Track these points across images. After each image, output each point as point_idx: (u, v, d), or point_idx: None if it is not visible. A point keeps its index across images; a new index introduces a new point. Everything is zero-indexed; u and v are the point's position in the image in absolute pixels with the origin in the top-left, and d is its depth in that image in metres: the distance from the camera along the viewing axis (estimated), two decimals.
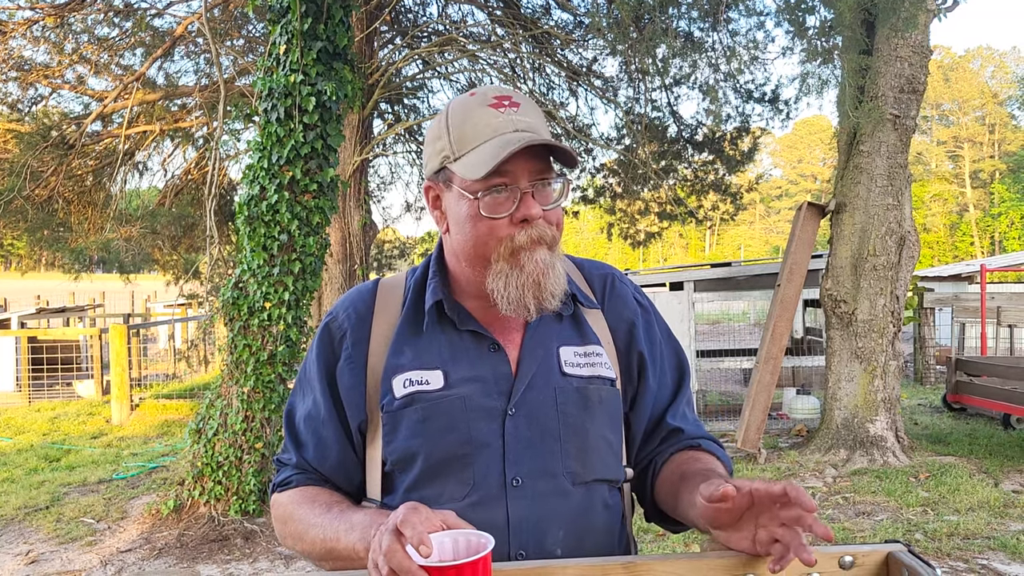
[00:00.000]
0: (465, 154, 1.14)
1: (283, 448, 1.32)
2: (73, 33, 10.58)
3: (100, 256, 13.21)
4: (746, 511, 1.02)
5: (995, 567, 4.38)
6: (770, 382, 6.64)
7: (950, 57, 64.01)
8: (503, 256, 1.14)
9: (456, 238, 1.19)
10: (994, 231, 55.59)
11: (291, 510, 1.22)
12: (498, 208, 1.13)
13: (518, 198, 1.13)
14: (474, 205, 1.13)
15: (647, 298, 1.37)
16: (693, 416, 1.35)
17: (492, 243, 1.14)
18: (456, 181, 1.16)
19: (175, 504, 5.45)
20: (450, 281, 1.25)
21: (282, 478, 1.28)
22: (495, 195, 1.12)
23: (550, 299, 1.15)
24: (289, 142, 5.27)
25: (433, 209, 1.23)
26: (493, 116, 1.14)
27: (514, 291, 1.14)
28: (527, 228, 1.14)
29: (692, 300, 8.72)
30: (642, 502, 1.33)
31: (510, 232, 1.14)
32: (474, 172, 1.11)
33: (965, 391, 8.29)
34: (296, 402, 1.31)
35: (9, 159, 10.35)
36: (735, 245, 72.92)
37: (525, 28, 10.00)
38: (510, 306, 1.15)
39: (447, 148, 1.16)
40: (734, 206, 12.36)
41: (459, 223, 1.17)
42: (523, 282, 1.14)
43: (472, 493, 1.14)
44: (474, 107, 1.16)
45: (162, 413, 9.84)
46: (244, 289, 5.41)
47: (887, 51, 6.67)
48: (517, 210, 1.13)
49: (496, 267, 1.14)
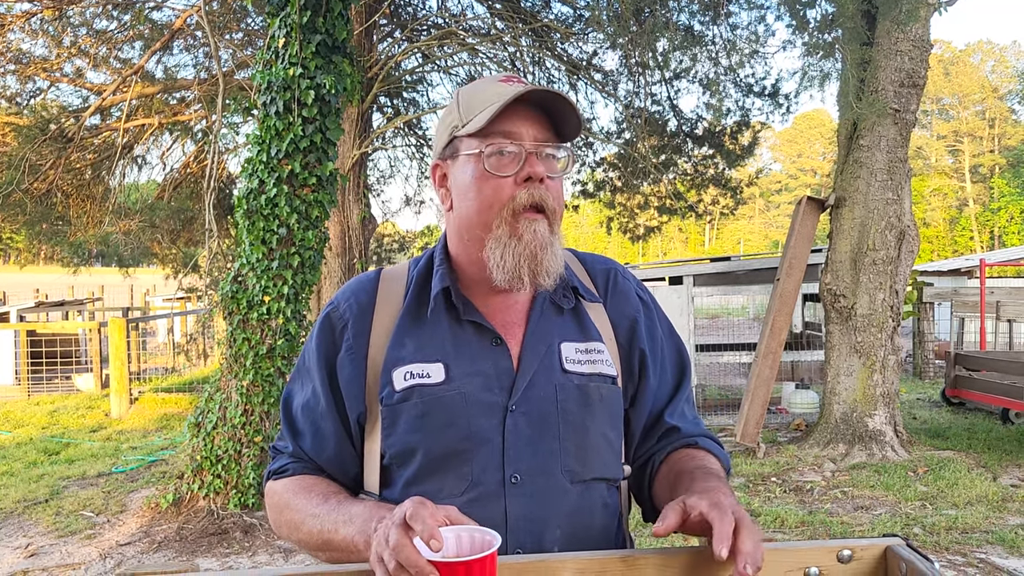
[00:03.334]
0: (472, 118, 1.16)
1: (279, 436, 1.31)
2: (71, 26, 10.55)
3: (99, 250, 13.20)
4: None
5: (993, 561, 4.39)
6: (769, 376, 6.65)
7: (950, 51, 63.91)
8: (505, 220, 1.14)
9: (460, 209, 1.19)
10: (994, 226, 55.60)
11: (287, 499, 1.21)
12: (503, 167, 1.14)
13: (523, 158, 1.15)
14: (479, 162, 1.15)
15: (649, 293, 1.37)
16: (692, 414, 1.34)
17: (496, 206, 1.15)
18: (463, 146, 1.17)
19: (174, 498, 5.46)
20: (456, 271, 1.24)
21: (278, 466, 1.27)
22: (500, 155, 1.14)
23: (545, 276, 1.16)
24: (288, 136, 5.26)
25: (439, 188, 1.24)
26: (503, 87, 1.16)
27: (511, 260, 1.14)
28: (530, 187, 1.15)
29: (691, 294, 8.72)
30: (639, 500, 1.32)
31: (513, 193, 1.15)
32: (478, 124, 1.13)
33: (964, 386, 8.30)
34: (294, 389, 1.29)
35: (8, 152, 10.33)
36: (735, 239, 72.91)
37: (525, 22, 9.97)
38: (505, 276, 1.15)
39: (456, 119, 1.18)
40: (734, 200, 12.34)
41: (464, 190, 1.18)
42: (520, 252, 1.14)
43: (471, 489, 1.13)
44: (485, 84, 1.19)
45: (161, 407, 9.85)
46: (243, 283, 5.41)
47: (887, 45, 6.65)
48: (521, 169, 1.14)
49: (496, 232, 1.15)
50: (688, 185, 12.11)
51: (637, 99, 10.84)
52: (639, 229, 12.86)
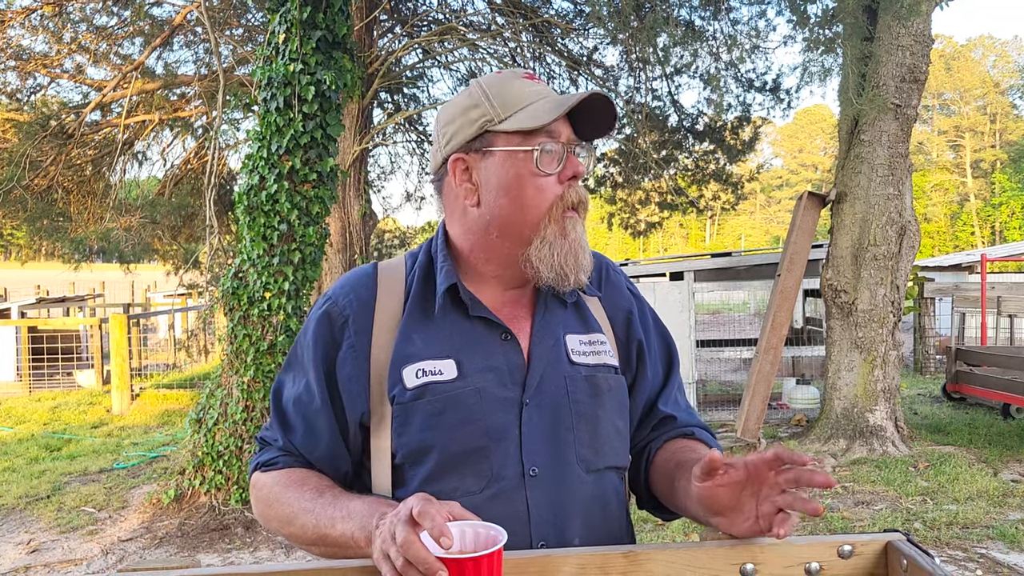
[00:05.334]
0: (514, 113, 1.15)
1: (268, 426, 1.28)
2: (71, 22, 10.53)
3: (100, 246, 13.18)
4: (743, 489, 1.02)
5: (994, 556, 4.39)
6: (770, 372, 6.65)
7: (952, 46, 63.80)
8: (554, 219, 1.15)
9: (495, 206, 1.17)
10: (995, 221, 55.56)
11: (277, 492, 1.19)
12: (549, 164, 1.15)
13: (564, 156, 1.15)
14: (529, 161, 1.14)
15: (636, 286, 1.39)
16: (685, 402, 1.35)
17: (543, 204, 1.15)
18: (502, 142, 1.15)
19: (176, 493, 5.47)
20: (459, 265, 1.23)
21: (267, 458, 1.24)
22: (547, 152, 1.14)
23: (583, 273, 1.18)
24: (288, 131, 5.26)
25: (461, 182, 1.19)
26: (531, 85, 1.17)
27: (559, 258, 1.15)
28: (574, 186, 1.16)
29: (692, 290, 8.71)
30: (634, 488, 1.33)
31: (559, 191, 1.16)
32: (540, 120, 1.13)
33: (965, 381, 8.31)
34: (285, 380, 1.27)
35: (8, 149, 10.32)
36: (735, 235, 72.87)
37: (525, 17, 9.95)
38: (551, 274, 1.15)
39: (489, 113, 1.16)
40: (735, 196, 12.34)
41: (503, 188, 1.16)
42: (566, 250, 1.15)
43: (491, 485, 1.12)
44: (510, 78, 1.19)
45: (162, 403, 9.86)
46: (244, 279, 5.41)
47: (888, 40, 6.64)
48: (565, 167, 1.15)
49: (544, 232, 1.15)
50: (689, 180, 12.11)
51: (638, 94, 10.83)
52: (640, 225, 12.86)
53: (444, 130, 1.21)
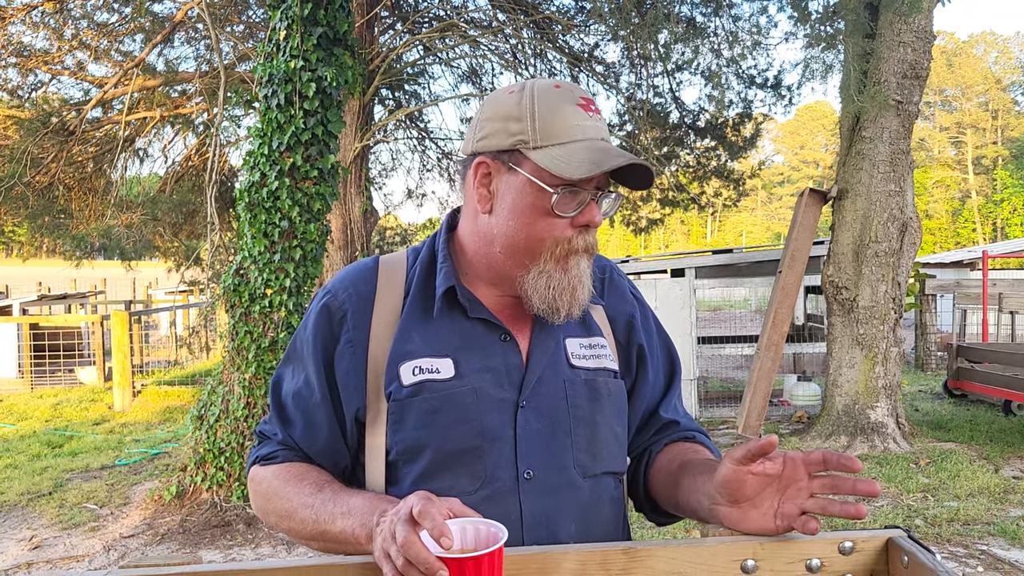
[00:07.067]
0: (551, 146, 1.11)
1: (267, 420, 1.27)
2: (72, 19, 10.53)
3: (101, 243, 13.20)
4: (771, 483, 1.02)
5: (995, 552, 4.39)
6: (771, 368, 6.64)
7: (953, 42, 63.66)
8: (555, 256, 1.13)
9: (503, 224, 1.15)
10: (996, 218, 55.48)
11: (276, 486, 1.18)
12: (565, 207, 1.12)
13: (585, 202, 1.13)
14: (546, 199, 1.11)
15: (639, 291, 1.38)
16: (683, 410, 1.36)
17: (548, 241, 1.13)
18: (529, 169, 1.12)
19: (177, 490, 5.47)
20: (461, 264, 1.22)
21: (267, 452, 1.24)
22: (568, 195, 1.11)
23: (578, 308, 1.16)
24: (289, 128, 5.25)
25: (479, 186, 1.17)
26: (583, 118, 1.12)
27: (553, 292, 1.13)
28: (584, 234, 1.14)
29: (693, 287, 8.71)
30: (632, 492, 1.33)
31: (567, 234, 1.13)
32: (569, 171, 1.08)
33: (966, 377, 8.30)
34: (285, 374, 1.26)
35: (9, 146, 10.33)
36: (737, 232, 72.82)
37: (526, 14, 9.94)
38: (542, 305, 1.14)
39: (526, 133, 1.12)
40: (736, 192, 12.34)
41: (515, 211, 1.14)
42: (563, 286, 1.13)
43: (485, 487, 1.12)
44: (562, 101, 1.13)
45: (164, 399, 9.87)
46: (245, 276, 5.41)
47: (890, 36, 6.63)
48: (581, 214, 1.13)
49: (543, 266, 1.14)
50: (690, 177, 12.10)
51: (639, 91, 10.82)
52: (642, 221, 12.86)
53: (483, 124, 1.17)
